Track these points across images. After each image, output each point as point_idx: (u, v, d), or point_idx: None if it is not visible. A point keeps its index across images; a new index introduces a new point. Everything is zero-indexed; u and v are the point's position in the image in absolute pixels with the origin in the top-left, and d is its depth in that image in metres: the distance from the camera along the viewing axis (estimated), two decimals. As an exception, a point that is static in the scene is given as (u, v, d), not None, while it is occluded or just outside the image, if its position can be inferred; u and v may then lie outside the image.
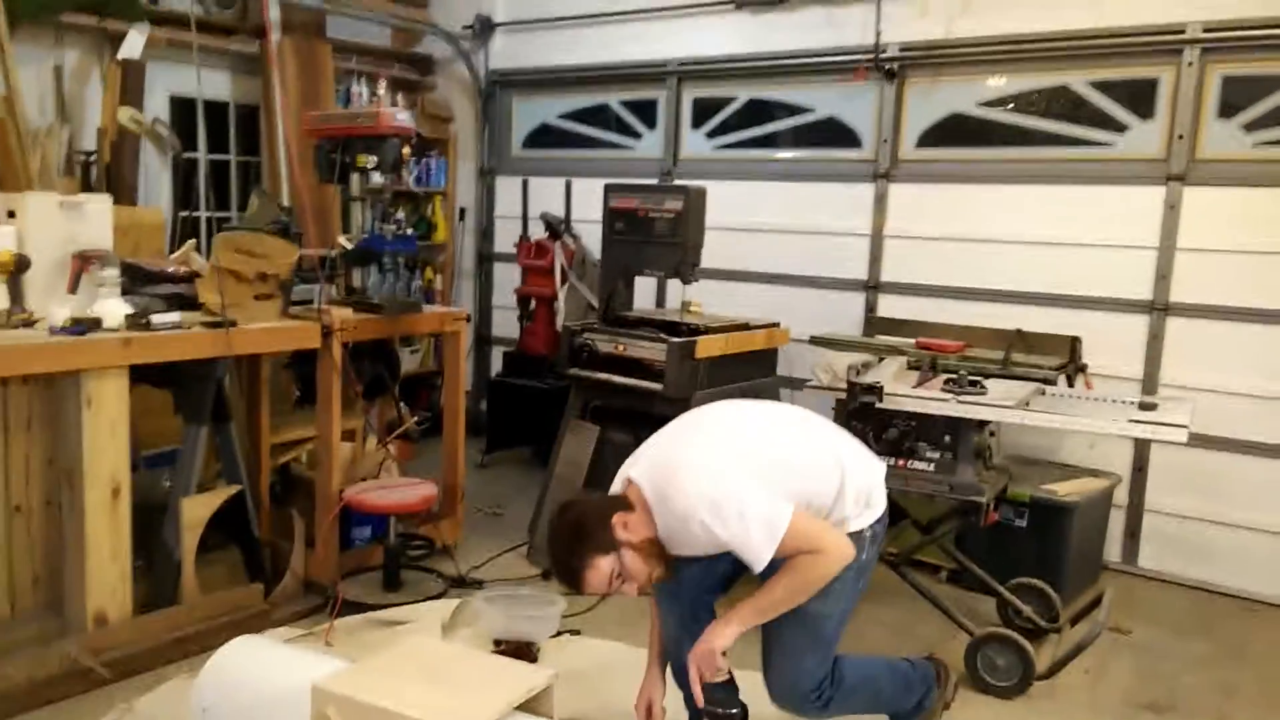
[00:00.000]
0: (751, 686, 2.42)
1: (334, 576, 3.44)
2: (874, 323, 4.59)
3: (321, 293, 3.64)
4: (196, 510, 3.24)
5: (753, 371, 4.16)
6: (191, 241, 3.86)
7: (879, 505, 2.44)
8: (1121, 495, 4.23)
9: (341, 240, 3.88)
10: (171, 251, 3.99)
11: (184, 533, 3.20)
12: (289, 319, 3.56)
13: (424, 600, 3.57)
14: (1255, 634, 3.69)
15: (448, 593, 3.70)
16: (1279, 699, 3.18)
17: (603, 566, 2.21)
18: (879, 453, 3.24)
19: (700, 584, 2.49)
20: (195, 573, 3.24)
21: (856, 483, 2.37)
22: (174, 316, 3.18)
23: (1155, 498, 4.22)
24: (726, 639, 2.27)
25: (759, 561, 2.19)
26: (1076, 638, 3.13)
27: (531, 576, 3.96)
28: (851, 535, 2.32)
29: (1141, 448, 4.22)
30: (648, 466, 2.32)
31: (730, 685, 2.31)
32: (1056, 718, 3.00)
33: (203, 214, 5.31)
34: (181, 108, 5.15)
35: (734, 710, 2.30)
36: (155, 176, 5.08)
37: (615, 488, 2.38)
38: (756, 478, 2.23)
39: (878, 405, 3.23)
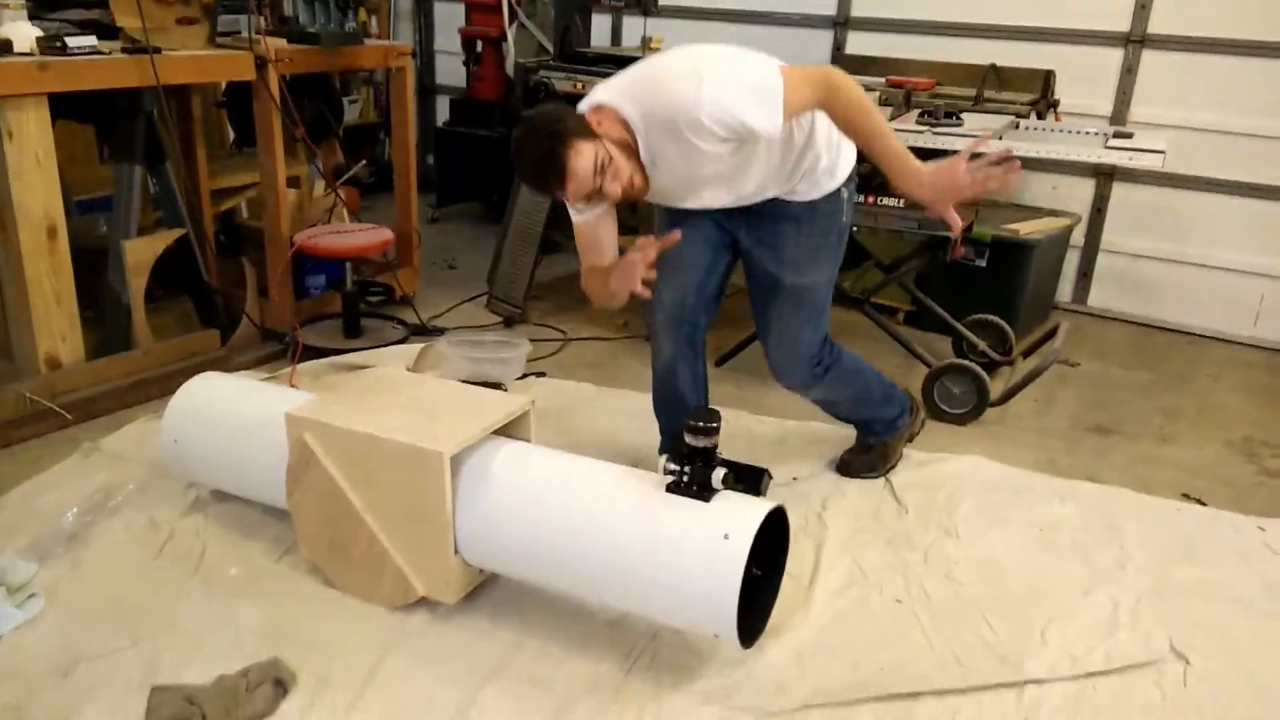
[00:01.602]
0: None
1: (292, 322, 3.36)
2: (843, 61, 4.38)
3: (252, 21, 3.32)
4: (140, 254, 3.09)
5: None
6: (97, -39, 3.46)
7: (849, 159, 2.36)
8: (1078, 236, 4.26)
9: (269, -40, 3.51)
10: (76, -23, 3.58)
11: (130, 276, 3.06)
12: (218, 49, 3.26)
13: (386, 345, 3.52)
14: (1197, 365, 3.86)
15: (409, 339, 3.66)
16: (1216, 420, 3.36)
17: (586, 151, 1.97)
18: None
19: (696, 301, 2.45)
20: (147, 320, 3.13)
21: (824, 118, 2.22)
22: (91, 40, 2.88)
23: (1111, 237, 4.27)
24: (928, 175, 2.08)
25: (772, 126, 2.02)
26: (1029, 368, 3.23)
27: (493, 324, 3.93)
28: (832, 195, 2.32)
29: (1103, 187, 4.22)
30: (615, 88, 2.09)
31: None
32: (1008, 441, 3.13)
33: (105, -60, 4.76)
34: None
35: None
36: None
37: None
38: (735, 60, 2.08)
39: (849, 139, 3.12)
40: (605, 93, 2.09)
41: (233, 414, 2.35)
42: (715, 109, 1.98)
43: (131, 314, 3.09)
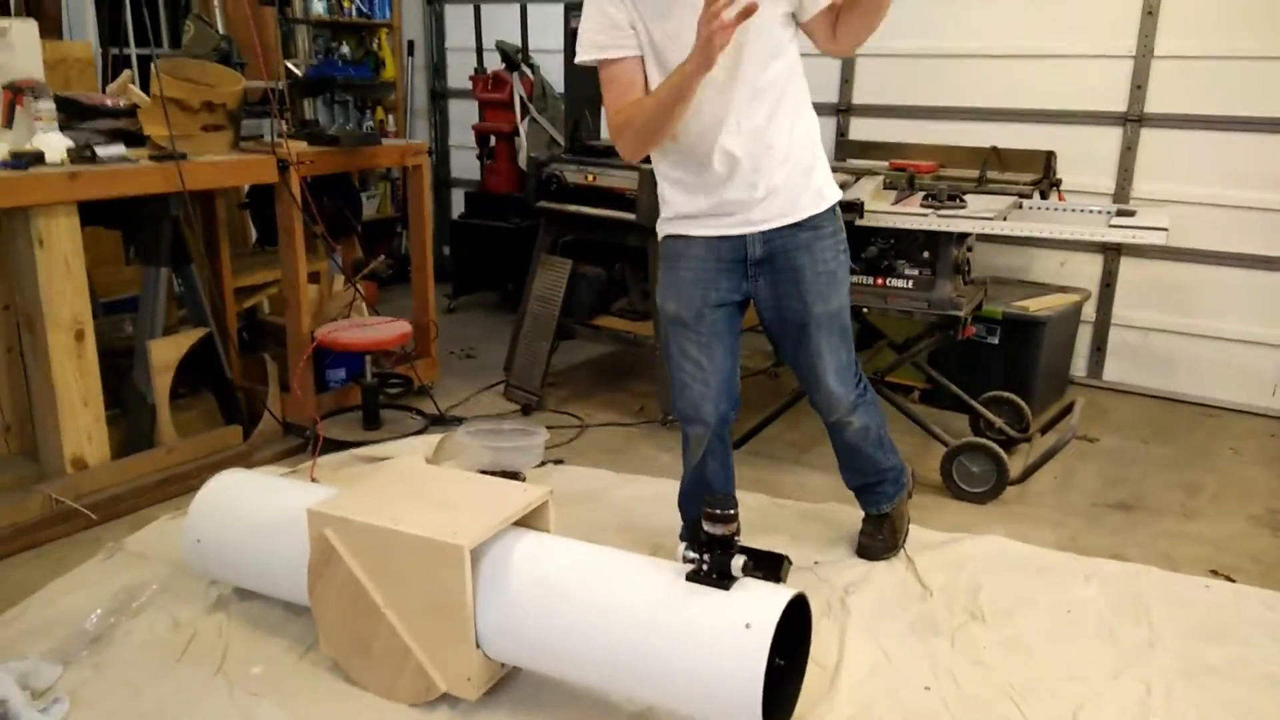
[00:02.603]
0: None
1: (313, 416, 3.40)
2: (846, 146, 4.49)
3: (274, 125, 3.45)
4: (165, 353, 3.15)
5: (725, 198, 4.07)
6: (127, 73, 3.61)
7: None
8: (1089, 311, 4.29)
9: (290, 65, 3.66)
10: (104, 88, 3.74)
11: (155, 376, 3.12)
12: (241, 153, 3.38)
13: (405, 436, 3.56)
14: (1217, 438, 3.83)
15: (428, 430, 3.69)
16: (1239, 494, 3.33)
17: None
18: (857, 272, 3.26)
19: (724, 395, 2.48)
20: (171, 418, 3.18)
21: None
22: (119, 149, 3.00)
23: (1122, 312, 4.29)
24: None
25: None
26: (1047, 445, 3.23)
27: (511, 412, 3.96)
28: (831, 212, 2.42)
29: (1110, 263, 4.26)
30: None
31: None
32: (1029, 519, 3.11)
33: (133, 50, 4.97)
34: (98, -68, 4.74)
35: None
36: (78, 10, 4.71)
37: None
38: None
39: (857, 223, 3.18)
40: None
41: (254, 511, 2.37)
42: None
43: (156, 412, 3.14)
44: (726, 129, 2.27)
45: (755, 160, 2.29)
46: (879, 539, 2.77)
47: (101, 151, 2.93)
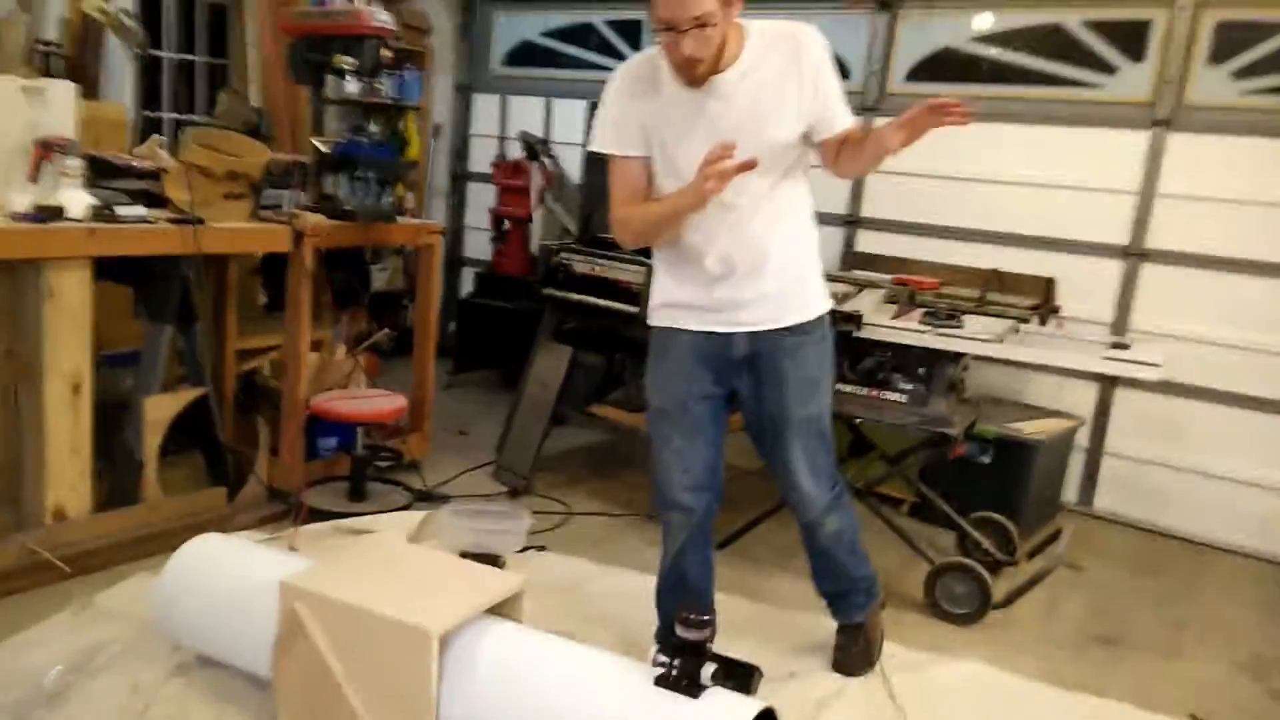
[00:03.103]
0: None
1: (299, 484, 3.41)
2: (852, 257, 4.57)
3: (294, 197, 3.53)
4: (160, 410, 3.17)
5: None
6: (157, 137, 3.72)
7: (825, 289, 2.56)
8: (1083, 438, 4.30)
9: (316, 143, 3.76)
10: (134, 150, 3.85)
11: (146, 433, 3.14)
12: (259, 221, 3.46)
13: (390, 511, 3.55)
14: (1204, 576, 3.80)
15: (413, 505, 3.68)
16: (1224, 636, 3.28)
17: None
18: (853, 382, 3.29)
19: (710, 484, 2.51)
20: (157, 475, 3.18)
21: None
22: (139, 210, 3.08)
23: (1115, 441, 4.29)
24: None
25: (841, 115, 2.29)
26: (1033, 570, 3.20)
27: (498, 494, 3.95)
28: (820, 320, 2.47)
29: (1106, 392, 4.28)
30: None
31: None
32: (1010, 646, 3.06)
33: (166, 115, 5.13)
34: (146, 3, 4.94)
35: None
36: (119, 72, 4.87)
37: None
38: None
39: (855, 334, 3.23)
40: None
41: (227, 578, 2.36)
42: (830, 64, 2.26)
43: (143, 468, 3.15)
44: (727, 236, 2.33)
45: (751, 267, 2.35)
46: (853, 651, 2.73)
47: (122, 211, 3.00)
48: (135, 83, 4.89)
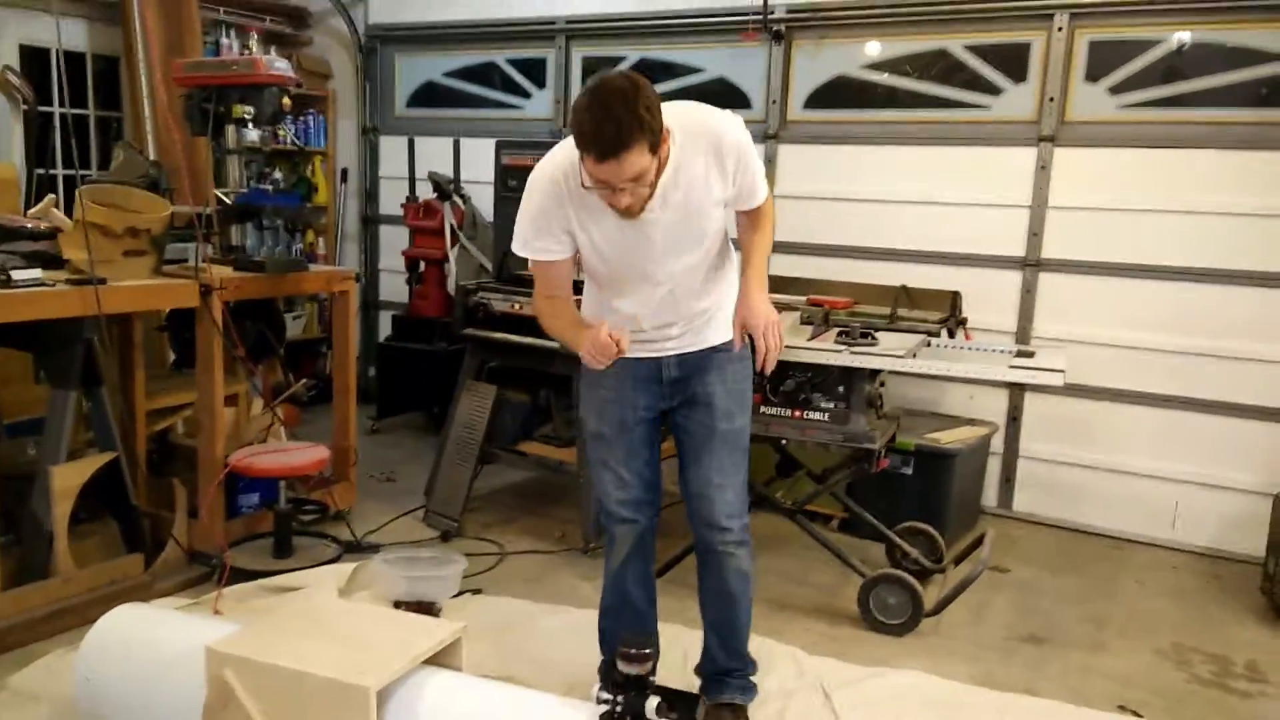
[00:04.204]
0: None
1: (221, 544, 3.30)
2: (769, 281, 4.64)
3: (200, 250, 3.45)
4: (68, 478, 3.05)
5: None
6: (51, 196, 3.60)
7: None
8: (998, 443, 4.44)
9: (219, 193, 3.69)
10: (27, 209, 3.72)
11: (55, 502, 3.01)
12: (163, 277, 3.37)
13: (318, 565, 3.46)
14: (1122, 569, 3.95)
15: (343, 557, 3.60)
16: (1145, 626, 3.41)
17: (646, 156, 2.07)
18: (776, 404, 3.34)
19: (650, 500, 2.56)
20: (69, 545, 3.05)
21: None
22: (36, 273, 2.98)
23: (1028, 444, 4.45)
24: (768, 302, 2.33)
25: (760, 193, 2.35)
26: (960, 576, 3.29)
27: (429, 539, 3.89)
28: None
29: (1016, 398, 4.44)
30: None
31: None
32: (944, 652, 3.13)
33: (60, 171, 4.97)
34: (33, 58, 4.79)
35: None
36: (6, 130, 4.72)
37: None
38: None
39: (774, 357, 3.28)
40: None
41: (150, 650, 2.27)
42: (750, 147, 2.28)
43: (53, 541, 3.02)
44: (659, 305, 2.40)
45: (684, 320, 2.43)
46: None
47: (17, 274, 2.90)
48: (24, 140, 4.74)
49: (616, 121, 2.01)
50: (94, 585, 3.06)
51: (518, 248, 2.36)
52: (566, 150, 2.22)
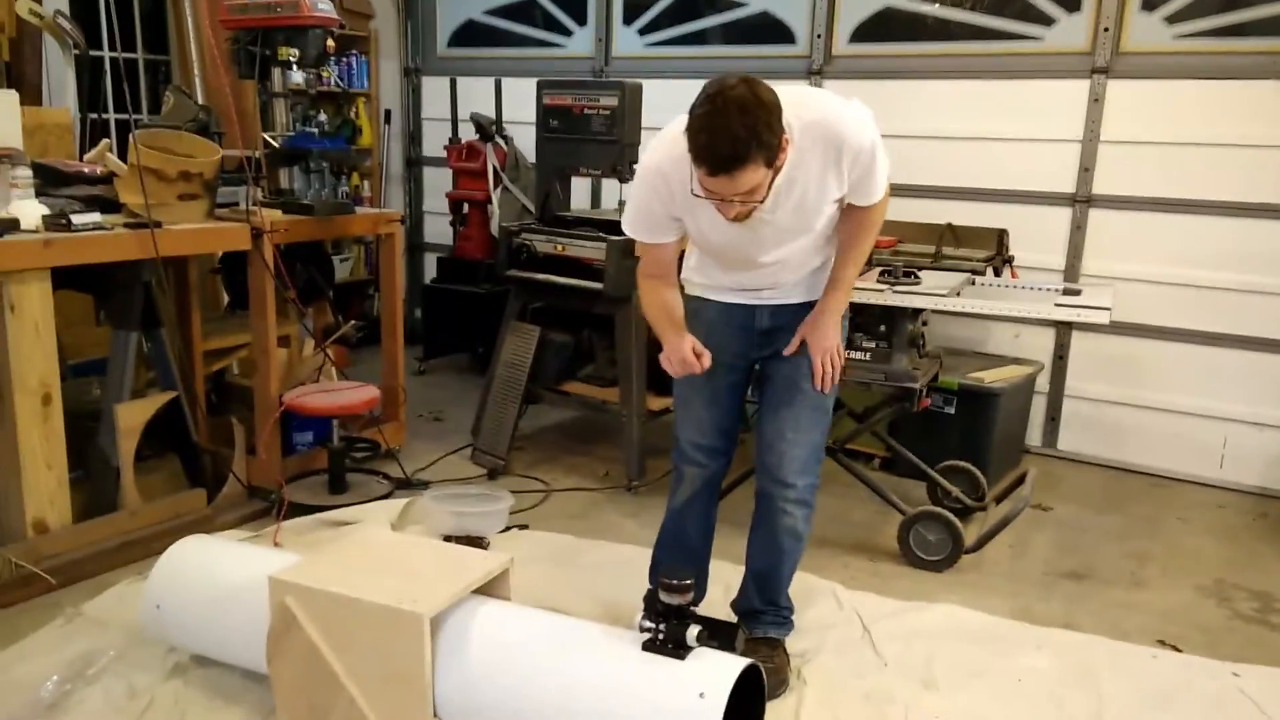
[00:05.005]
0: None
1: (278, 480, 3.42)
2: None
3: (250, 194, 3.52)
4: (132, 416, 3.17)
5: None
6: (105, 141, 3.67)
7: None
8: (1043, 382, 4.41)
9: (266, 137, 3.74)
10: (82, 154, 3.80)
11: (120, 439, 3.13)
12: (216, 220, 3.45)
13: (371, 501, 3.58)
14: (1166, 508, 3.93)
15: (394, 494, 3.72)
16: (1187, 564, 3.41)
17: (761, 172, 2.01)
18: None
19: (725, 444, 2.60)
20: (135, 481, 3.18)
21: None
22: (95, 217, 3.06)
23: (1074, 384, 4.42)
24: (839, 331, 2.41)
25: (875, 194, 2.29)
26: (1001, 514, 3.31)
27: (477, 477, 3.99)
28: None
29: (1062, 336, 4.39)
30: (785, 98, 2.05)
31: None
32: (983, 588, 3.17)
33: (111, 116, 5.05)
34: (82, 2, 4.85)
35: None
36: (59, 76, 4.79)
37: None
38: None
39: (816, 297, 3.28)
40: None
41: (215, 578, 2.38)
42: (876, 151, 2.22)
43: (120, 476, 3.15)
44: (764, 271, 2.40)
45: (779, 280, 2.45)
46: (769, 668, 2.40)
47: (77, 219, 2.98)
48: (76, 86, 4.81)
49: (733, 138, 1.93)
50: (159, 519, 3.19)
51: (626, 229, 2.36)
52: (676, 138, 2.08)
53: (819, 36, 4.71)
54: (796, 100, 2.10)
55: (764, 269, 2.38)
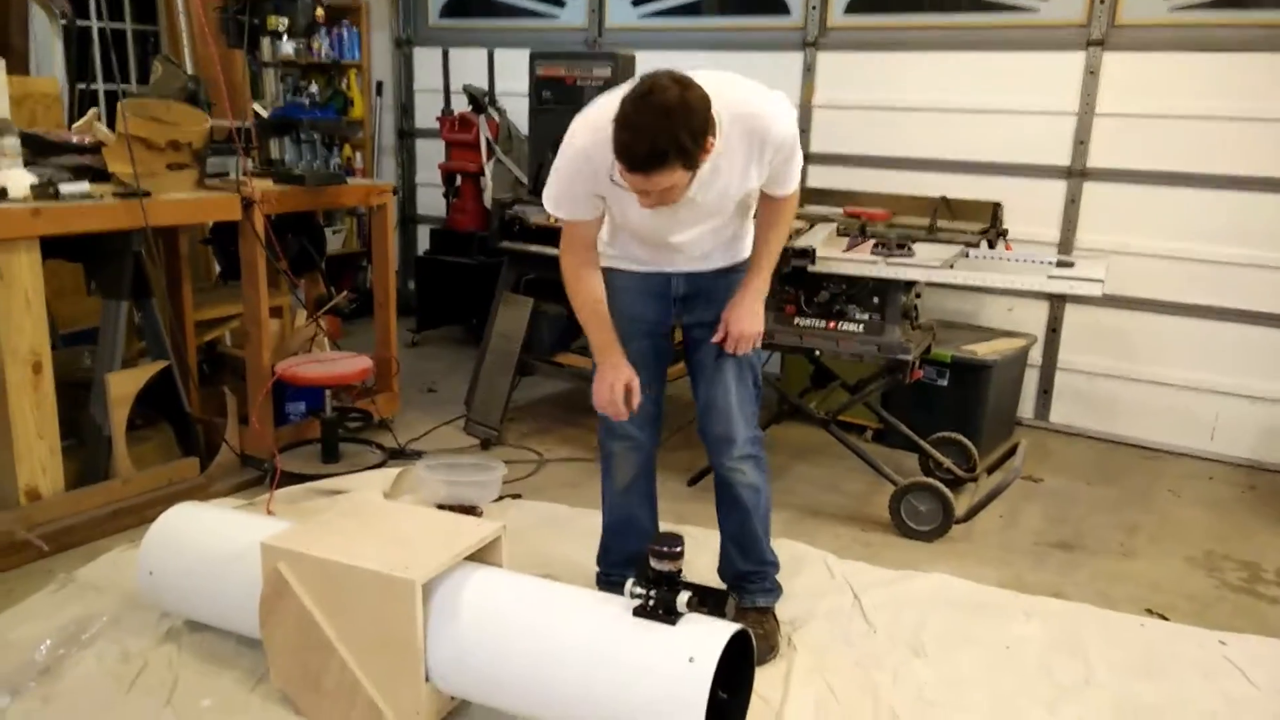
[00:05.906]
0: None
1: (271, 449, 3.42)
2: (803, 193, 4.59)
3: (239, 163, 3.50)
4: (123, 385, 3.16)
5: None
6: (94, 110, 3.64)
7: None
8: (1036, 355, 4.42)
9: (256, 107, 3.71)
10: (71, 124, 3.77)
11: (112, 408, 3.13)
12: (205, 190, 3.42)
13: (364, 470, 3.58)
14: (1157, 480, 3.95)
15: (387, 463, 3.72)
16: (1177, 535, 3.44)
17: (684, 175, 2.04)
18: (810, 315, 3.36)
19: (654, 422, 2.60)
20: (128, 450, 3.18)
21: None
22: (83, 186, 3.04)
23: (1067, 356, 4.43)
24: (762, 315, 2.44)
25: (791, 183, 2.35)
26: (992, 485, 3.32)
27: (470, 447, 4.00)
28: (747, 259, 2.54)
29: (1056, 309, 4.40)
30: (708, 83, 2.06)
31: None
32: (974, 557, 3.19)
33: (100, 86, 5.00)
34: (69, -30, 4.79)
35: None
36: (46, 46, 4.74)
37: None
38: None
39: (810, 269, 3.28)
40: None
41: (208, 544, 2.39)
42: (796, 141, 2.27)
43: (112, 445, 3.15)
44: (681, 257, 2.45)
45: (690, 254, 2.46)
46: (758, 635, 2.33)
47: (65, 188, 2.96)
48: (64, 56, 4.76)
49: (653, 141, 1.95)
50: (152, 487, 3.19)
51: (548, 205, 2.35)
52: (604, 122, 2.05)
53: (814, 8, 4.67)
54: (725, 91, 2.13)
55: (680, 244, 2.40)
